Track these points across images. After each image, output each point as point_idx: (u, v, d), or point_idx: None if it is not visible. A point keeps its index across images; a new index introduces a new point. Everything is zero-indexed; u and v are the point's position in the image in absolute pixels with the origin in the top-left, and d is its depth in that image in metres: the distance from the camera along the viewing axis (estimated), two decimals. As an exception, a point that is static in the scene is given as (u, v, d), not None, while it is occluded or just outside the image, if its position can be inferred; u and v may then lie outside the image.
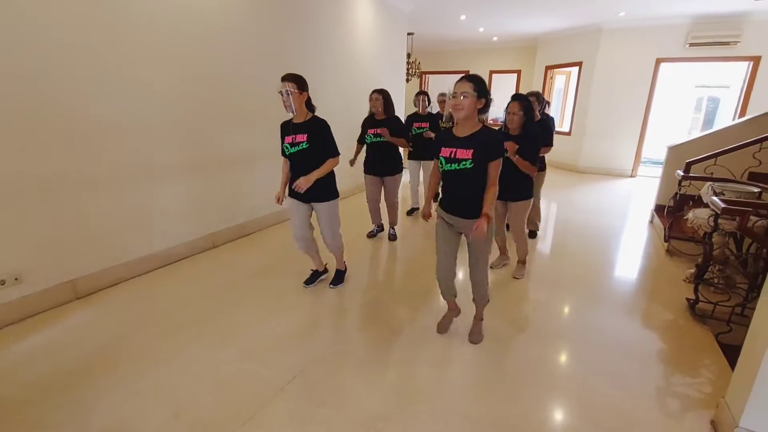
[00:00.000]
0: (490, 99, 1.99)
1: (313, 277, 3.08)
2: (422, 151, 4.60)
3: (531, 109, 2.90)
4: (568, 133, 8.69)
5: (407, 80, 7.62)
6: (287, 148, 2.62)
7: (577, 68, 8.38)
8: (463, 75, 1.99)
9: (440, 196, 2.28)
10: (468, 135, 1.98)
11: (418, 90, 4.92)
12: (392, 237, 4.18)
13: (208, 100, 3.53)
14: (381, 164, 3.83)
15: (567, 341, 2.49)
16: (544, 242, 4.48)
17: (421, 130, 4.54)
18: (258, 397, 1.90)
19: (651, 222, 5.03)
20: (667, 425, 1.83)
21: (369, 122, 3.77)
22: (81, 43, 2.58)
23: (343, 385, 2.01)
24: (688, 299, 2.86)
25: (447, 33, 8.96)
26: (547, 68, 9.12)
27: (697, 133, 11.16)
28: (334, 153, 2.65)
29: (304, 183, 2.53)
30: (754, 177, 3.72)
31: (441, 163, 2.06)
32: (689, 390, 2.09)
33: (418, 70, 8.83)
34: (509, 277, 3.40)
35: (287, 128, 2.63)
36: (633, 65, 7.58)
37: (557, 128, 9.18)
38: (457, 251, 2.30)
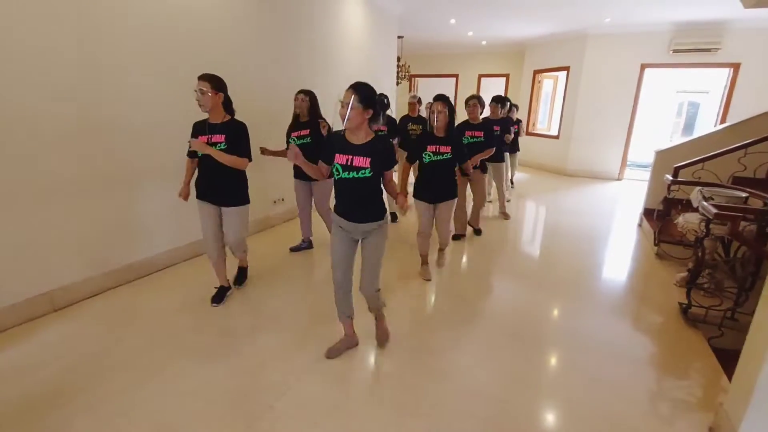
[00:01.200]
0: (379, 108, 1.97)
1: (221, 294, 2.85)
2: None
3: (453, 111, 2.99)
4: (556, 137, 8.78)
5: (397, 83, 7.60)
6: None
7: (564, 73, 8.48)
8: (352, 84, 1.91)
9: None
10: (365, 142, 1.94)
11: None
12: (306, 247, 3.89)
13: (192, 104, 3.41)
14: None
15: (558, 346, 2.47)
16: (533, 245, 4.49)
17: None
18: (246, 415, 1.82)
19: (640, 225, 5.08)
20: (662, 431, 1.81)
21: (293, 125, 3.48)
22: (70, 42, 2.47)
23: (335, 402, 1.93)
24: (680, 303, 2.87)
25: (436, 36, 8.99)
26: (535, 72, 9.21)
27: (678, 137, 11.44)
28: (246, 156, 2.59)
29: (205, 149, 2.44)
30: (738, 181, 3.78)
31: (337, 170, 1.96)
32: (683, 394, 2.08)
33: (407, 74, 8.82)
34: (496, 281, 3.37)
35: (202, 128, 2.56)
36: (619, 70, 7.70)
37: (547, 131, 9.33)
38: (353, 259, 2.17)
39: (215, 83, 2.48)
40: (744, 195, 2.91)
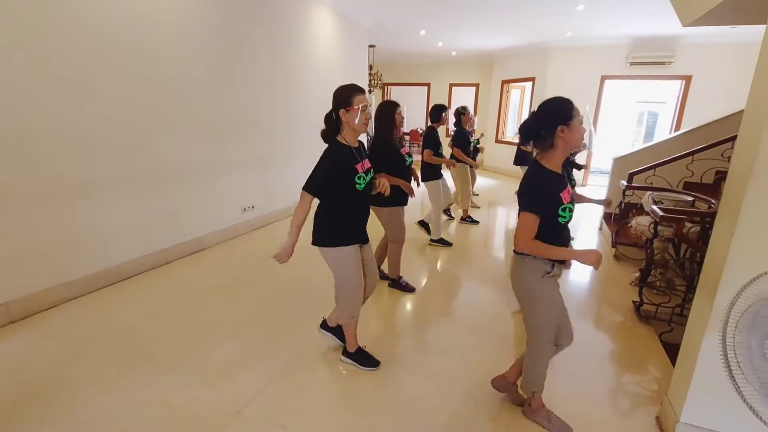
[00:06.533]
0: None
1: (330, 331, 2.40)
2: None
3: None
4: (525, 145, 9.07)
5: (370, 91, 7.70)
6: (361, 180, 1.96)
7: (530, 83, 8.82)
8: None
9: None
10: None
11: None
12: (404, 287, 3.22)
13: (159, 109, 3.38)
14: None
15: (521, 344, 2.55)
16: (496, 248, 4.62)
17: None
18: (212, 422, 1.81)
19: (600, 229, 5.33)
20: (618, 424, 1.92)
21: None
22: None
23: (305, 406, 1.95)
24: (633, 301, 3.04)
25: (408, 46, 9.17)
26: (503, 82, 9.53)
27: (639, 145, 12.01)
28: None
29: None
30: (688, 186, 4.05)
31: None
32: (638, 388, 2.21)
33: (380, 82, 8.94)
34: (461, 282, 3.46)
35: (350, 156, 1.95)
36: (580, 82, 8.08)
37: (516, 140, 9.60)
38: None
39: None
40: (690, 199, 3.13)
